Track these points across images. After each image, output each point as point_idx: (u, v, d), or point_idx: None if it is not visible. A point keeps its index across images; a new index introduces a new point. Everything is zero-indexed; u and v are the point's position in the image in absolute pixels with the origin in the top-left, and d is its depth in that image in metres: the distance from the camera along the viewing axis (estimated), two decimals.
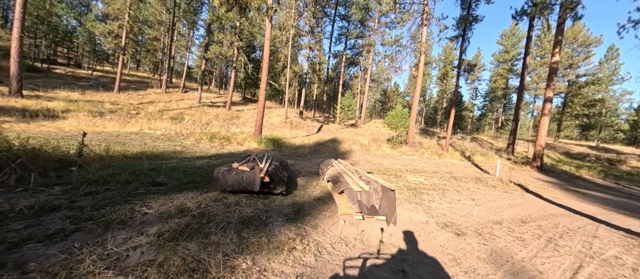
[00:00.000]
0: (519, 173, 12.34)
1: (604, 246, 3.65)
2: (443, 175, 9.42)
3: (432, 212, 4.53)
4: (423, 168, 11.04)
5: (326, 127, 23.67)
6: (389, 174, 8.35)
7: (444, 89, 49.47)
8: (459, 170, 11.45)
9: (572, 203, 7.08)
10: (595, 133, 40.61)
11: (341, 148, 14.90)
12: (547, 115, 14.16)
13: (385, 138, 19.39)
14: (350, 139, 18.17)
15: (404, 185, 6.76)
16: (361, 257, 2.44)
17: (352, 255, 2.45)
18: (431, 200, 5.52)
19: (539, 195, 7.75)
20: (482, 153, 17.88)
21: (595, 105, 37.73)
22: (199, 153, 8.23)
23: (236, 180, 3.62)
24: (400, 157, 14.31)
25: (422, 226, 3.69)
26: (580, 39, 38.66)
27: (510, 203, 6.15)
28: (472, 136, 31.41)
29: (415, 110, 17.08)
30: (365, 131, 24.03)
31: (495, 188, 7.97)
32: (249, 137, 12.49)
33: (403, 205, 4.80)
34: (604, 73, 36.73)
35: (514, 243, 3.46)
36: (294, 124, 22.13)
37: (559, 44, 13.46)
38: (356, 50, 30.75)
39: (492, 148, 22.13)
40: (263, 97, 12.32)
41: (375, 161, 11.51)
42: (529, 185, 9.19)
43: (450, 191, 6.77)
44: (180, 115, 18.43)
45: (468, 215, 4.62)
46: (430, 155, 15.48)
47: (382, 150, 15.84)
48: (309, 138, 16.82)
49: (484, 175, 10.46)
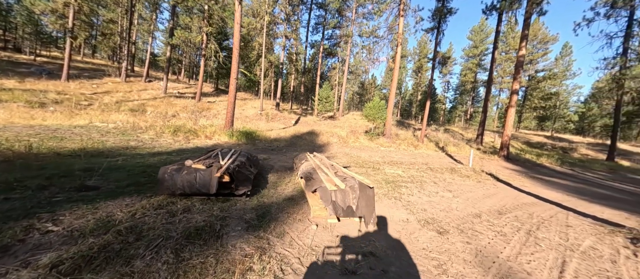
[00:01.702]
0: (488, 163, 12.86)
1: (579, 236, 3.62)
2: (420, 167, 9.40)
3: (412, 208, 4.26)
4: (400, 159, 11.00)
5: (304, 119, 23.07)
6: (367, 167, 8.08)
7: (419, 82, 50.94)
8: (434, 161, 11.61)
9: (540, 190, 7.35)
10: (550, 124, 44.58)
11: (319, 141, 14.48)
12: (513, 107, 14.89)
13: (363, 130, 19.32)
14: (328, 131, 17.81)
15: (382, 179, 6.50)
16: (334, 274, 2.00)
17: (324, 274, 2.01)
18: (410, 194, 5.29)
19: (509, 183, 7.98)
20: (454, 143, 18.53)
21: (551, 98, 41.19)
22: (158, 149, 7.29)
23: (187, 180, 2.99)
24: (378, 149, 14.25)
25: (403, 226, 3.37)
26: (540, 37, 41.44)
27: (485, 194, 6.16)
28: (444, 127, 32.72)
29: (392, 102, 17.10)
30: (344, 123, 23.84)
31: (469, 178, 8.06)
32: (219, 130, 11.56)
33: (382, 201, 4.49)
34: (559, 69, 40.06)
35: (496, 238, 3.26)
36: (270, 116, 21.24)
37: (525, 38, 14.07)
38: (334, 40, 30.18)
39: (463, 139, 23.13)
40: (234, 86, 11.39)
41: (353, 154, 11.25)
42: (499, 174, 9.51)
43: (428, 183, 6.65)
44: (142, 107, 16.69)
45: (448, 209, 4.43)
46: (406, 147, 15.65)
47: (360, 142, 15.69)
48: (285, 131, 16.16)
49: (458, 166, 10.67)
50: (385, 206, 4.23)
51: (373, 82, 58.83)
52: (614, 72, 19.97)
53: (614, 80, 20.16)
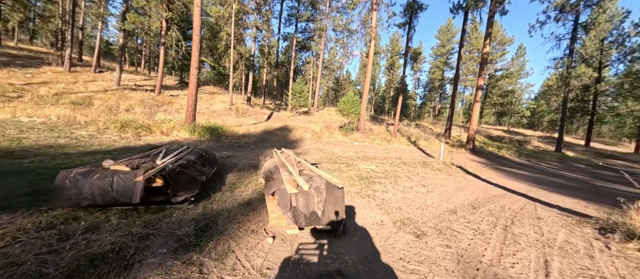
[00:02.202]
0: (457, 155, 13.30)
1: (552, 229, 3.52)
2: (393, 161, 9.27)
3: (387, 207, 3.90)
4: (374, 154, 10.83)
5: (277, 115, 22.18)
6: (340, 163, 7.69)
7: (392, 79, 52.29)
8: (407, 155, 11.65)
9: (505, 181, 7.57)
10: (507, 119, 48.65)
11: (292, 137, 13.85)
12: (478, 102, 15.60)
13: (337, 125, 19.05)
14: (302, 127, 17.23)
15: (355, 175, 6.13)
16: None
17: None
18: (384, 191, 4.97)
19: (478, 175, 8.14)
20: (425, 138, 19.07)
21: (508, 95, 44.86)
22: (96, 147, 6.15)
23: (99, 187, 2.25)
24: (352, 144, 14.02)
25: (377, 229, 2.96)
26: (498, 38, 44.60)
27: (457, 187, 6.09)
28: (415, 123, 33.89)
29: (366, 97, 17.01)
30: (318, 118, 23.39)
31: (441, 172, 8.06)
32: (179, 125, 10.38)
33: (355, 200, 4.07)
34: (514, 68, 43.60)
35: (475, 238, 2.99)
36: (241, 111, 20.04)
37: (489, 37, 14.74)
38: (308, 34, 29.46)
39: (432, 133, 24.02)
40: (195, 77, 10.26)
41: (327, 150, 10.83)
42: (468, 167, 9.74)
43: (402, 178, 6.44)
44: (88, 100, 14.59)
45: (423, 206, 4.15)
46: (380, 141, 15.67)
47: (334, 138, 15.36)
48: (256, 127, 15.25)
49: (429, 159, 10.78)
50: (358, 206, 3.81)
51: (348, 77, 59.19)
52: (561, 71, 22.02)
53: (561, 79, 22.25)
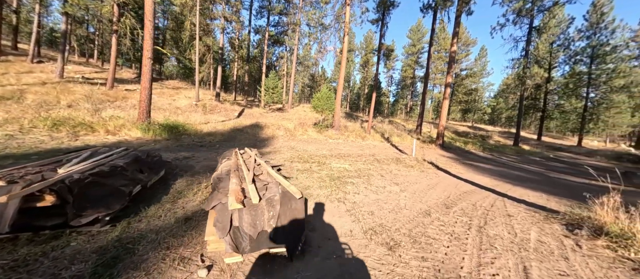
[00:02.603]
0: (428, 151, 13.60)
1: (523, 228, 3.42)
2: (367, 159, 9.06)
3: (358, 212, 3.54)
4: (348, 152, 10.57)
5: (249, 112, 21.12)
6: (312, 162, 7.25)
7: (366, 76, 53.08)
8: (380, 152, 11.58)
9: (474, 176, 7.71)
10: (471, 116, 52.09)
11: (263, 135, 13.11)
12: (447, 99, 16.15)
13: (312, 122, 18.61)
14: (274, 124, 16.50)
15: (327, 175, 5.72)
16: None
17: None
18: (356, 192, 4.62)
19: (448, 171, 8.22)
20: (397, 134, 19.42)
21: (471, 93, 47.93)
22: (10, 150, 5.01)
23: None
24: (326, 141, 13.68)
25: (345, 242, 2.56)
26: (463, 40, 47.26)
27: (429, 184, 5.98)
28: (389, 119, 34.70)
29: (341, 92, 16.77)
30: (293, 115, 22.75)
31: (413, 168, 8.00)
32: (130, 123, 9.16)
33: (324, 206, 3.65)
34: (477, 68, 46.65)
35: (452, 246, 2.73)
36: (209, 108, 18.71)
37: (456, 36, 15.27)
38: (281, 28, 28.48)
39: (404, 129, 24.67)
40: (148, 68, 9.09)
41: (300, 147, 10.33)
42: (438, 162, 9.89)
43: (374, 177, 6.18)
44: (19, 94, 12.45)
45: (396, 208, 3.86)
46: (354, 138, 15.55)
47: (308, 135, 14.90)
48: (224, 124, 14.22)
49: (402, 156, 10.80)
50: (327, 212, 3.39)
51: (323, 74, 58.98)
52: (518, 71, 23.83)
53: (518, 78, 24.08)
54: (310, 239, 2.49)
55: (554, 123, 36.70)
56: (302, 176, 5.37)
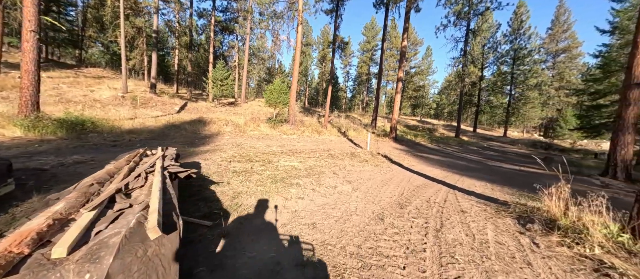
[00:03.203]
0: (382, 144, 13.72)
1: (479, 226, 3.11)
2: (321, 154, 8.43)
3: (297, 225, 2.78)
4: (302, 147, 9.81)
5: (193, 106, 18.75)
6: (256, 160, 6.27)
7: (324, 71, 53.00)
8: (336, 146, 11.14)
9: (425, 168, 7.71)
10: (419, 110, 56.53)
11: (205, 131, 11.48)
12: (399, 93, 16.62)
13: (266, 117, 17.34)
14: (222, 119, 14.81)
15: (270, 176, 4.85)
16: None
17: None
18: (301, 196, 3.86)
19: (401, 164, 8.11)
20: (354, 128, 19.46)
21: (420, 89, 51.82)
22: None
23: None
24: (279, 137, 12.71)
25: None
26: (412, 40, 50.48)
27: (383, 179, 5.60)
28: (346, 114, 35.12)
29: (296, 85, 15.88)
30: (245, 110, 21.03)
31: (367, 163, 7.65)
32: (6, 118, 6.80)
33: (253, 220, 2.79)
34: (424, 66, 50.54)
35: (409, 264, 2.15)
36: (141, 101, 15.90)
37: (406, 31, 15.72)
38: (231, 14, 26.07)
39: (361, 123, 25.06)
40: (32, 45, 6.81)
41: (247, 144, 9.19)
42: (392, 155, 9.85)
43: (326, 175, 5.53)
44: None
45: (345, 216, 3.22)
46: (310, 133, 14.90)
47: (260, 130, 13.69)
48: (157, 120, 12.09)
49: (357, 150, 10.51)
50: (251, 234, 2.54)
51: (280, 68, 57.05)
52: (458, 69, 26.20)
53: (458, 75, 26.50)
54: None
55: (485, 116, 41.95)
56: (236, 179, 4.39)
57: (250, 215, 2.95)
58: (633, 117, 6.94)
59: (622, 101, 7.15)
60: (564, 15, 35.21)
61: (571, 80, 34.31)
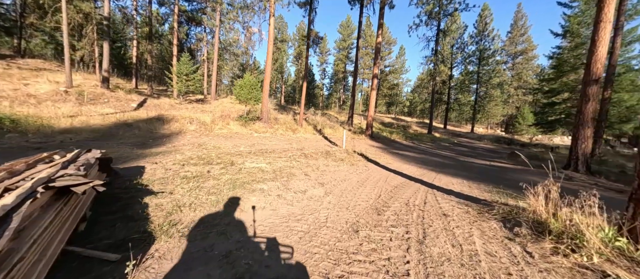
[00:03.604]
0: (358, 142, 13.45)
1: (465, 234, 2.74)
2: (293, 154, 7.82)
3: (249, 249, 2.16)
4: (274, 147, 9.11)
5: (154, 102, 17.01)
6: (217, 163, 5.48)
7: (300, 68, 52.16)
8: (310, 145, 10.58)
9: (401, 166, 7.46)
10: (394, 108, 58.10)
11: (163, 130, 10.26)
12: (374, 90, 16.51)
13: (238, 115, 16.24)
14: (187, 117, 13.50)
15: (228, 180, 4.14)
16: None
17: None
18: (262, 205, 3.24)
19: (377, 162, 7.79)
20: (330, 126, 19.06)
21: (394, 88, 53.20)
22: None
23: None
24: (250, 136, 11.83)
25: None
26: (386, 39, 51.53)
27: (359, 180, 5.15)
28: (323, 112, 34.74)
29: (268, 80, 14.99)
30: (215, 108, 19.63)
31: (343, 162, 7.20)
32: None
33: (191, 244, 2.11)
34: (398, 65, 51.93)
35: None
36: (89, 97, 13.99)
37: (381, 27, 15.63)
38: (197, 4, 24.23)
39: (337, 121, 24.80)
40: None
41: (211, 144, 8.27)
42: (368, 153, 9.54)
43: (296, 177, 4.94)
44: None
45: (313, 228, 2.67)
46: (284, 131, 14.17)
47: (229, 129, 12.68)
48: (106, 118, 10.58)
49: (333, 148, 10.06)
50: (181, 268, 1.87)
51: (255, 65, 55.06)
52: (430, 68, 27.03)
53: (429, 74, 27.35)
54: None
55: (454, 114, 44.19)
56: (184, 187, 3.62)
57: (186, 236, 2.26)
58: (592, 112, 7.28)
59: (582, 97, 7.47)
60: (521, 19, 38.12)
61: (528, 80, 37.34)
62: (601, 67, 7.15)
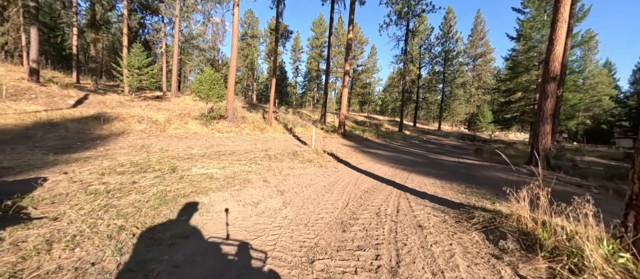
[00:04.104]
0: (330, 141, 12.94)
1: (446, 253, 2.27)
2: (256, 155, 6.99)
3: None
4: (234, 148, 8.17)
5: (99, 99, 14.83)
6: (154, 169, 4.49)
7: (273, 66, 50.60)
8: (278, 145, 9.79)
9: (373, 166, 7.03)
10: (366, 107, 59.12)
11: (99, 131, 8.71)
12: (346, 87, 16.15)
13: (200, 113, 14.76)
14: (135, 116, 11.84)
15: (158, 193, 3.24)
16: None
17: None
18: (192, 229, 2.44)
19: (348, 162, 7.29)
20: (302, 124, 18.35)
21: (366, 87, 54.04)
22: None
23: None
24: (211, 136, 10.67)
25: None
26: (358, 38, 52.04)
27: (326, 184, 4.55)
28: (296, 110, 33.86)
29: (234, 75, 13.80)
30: (176, 106, 17.80)
31: (311, 163, 6.56)
32: None
33: None
34: (370, 64, 52.81)
35: None
36: (10, 92, 11.66)
37: (352, 23, 15.29)
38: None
39: (310, 119, 24.16)
40: None
41: (157, 147, 7.09)
42: (339, 153, 9.03)
43: (252, 184, 4.18)
44: None
45: (253, 260, 1.96)
46: (251, 131, 13.14)
47: (186, 129, 11.33)
48: (26, 117, 8.73)
49: (302, 148, 9.38)
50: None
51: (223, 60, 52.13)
52: (400, 67, 27.60)
53: (400, 73, 27.93)
54: None
55: (422, 112, 46.15)
56: (84, 208, 2.66)
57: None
58: (550, 109, 7.52)
59: (541, 94, 7.71)
60: (480, 24, 40.93)
61: (487, 81, 40.26)
62: (559, 65, 7.40)
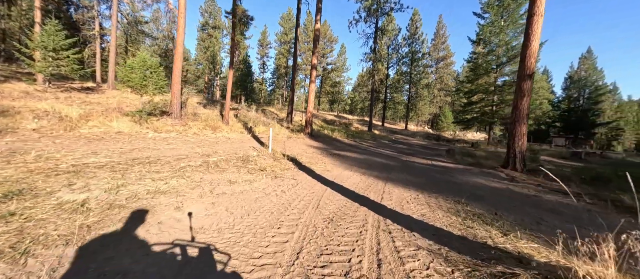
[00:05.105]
0: (295, 142, 11.51)
1: None
2: (190, 163, 5.26)
3: None
4: (166, 153, 6.27)
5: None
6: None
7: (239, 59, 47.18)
8: (228, 148, 8.05)
9: (342, 174, 5.78)
10: (336, 106, 58.80)
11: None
12: (314, 83, 14.87)
13: (137, 108, 12.13)
14: (36, 109, 9.05)
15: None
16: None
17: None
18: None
19: (312, 170, 5.94)
20: (265, 123, 16.58)
21: (336, 85, 53.60)
22: None
23: None
24: (141, 137, 8.46)
25: None
26: (328, 36, 51.24)
27: (275, 209, 3.11)
28: (263, 108, 31.67)
29: (180, 63, 11.52)
30: (109, 99, 14.69)
31: (263, 173, 5.06)
32: None
33: None
34: (340, 63, 52.43)
35: None
36: None
37: (320, 12, 14.03)
38: None
39: (276, 118, 22.39)
40: None
41: (39, 152, 4.93)
42: (303, 157, 7.64)
43: (156, 216, 2.57)
44: None
45: None
46: (200, 130, 11.08)
47: (108, 127, 8.90)
48: None
49: (257, 151, 7.79)
50: None
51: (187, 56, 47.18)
52: (369, 67, 27.22)
53: (369, 72, 27.57)
54: None
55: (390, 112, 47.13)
56: None
57: None
58: (527, 108, 7.07)
59: (517, 92, 7.24)
60: (442, 29, 42.97)
61: (448, 83, 42.43)
62: (535, 62, 6.96)
